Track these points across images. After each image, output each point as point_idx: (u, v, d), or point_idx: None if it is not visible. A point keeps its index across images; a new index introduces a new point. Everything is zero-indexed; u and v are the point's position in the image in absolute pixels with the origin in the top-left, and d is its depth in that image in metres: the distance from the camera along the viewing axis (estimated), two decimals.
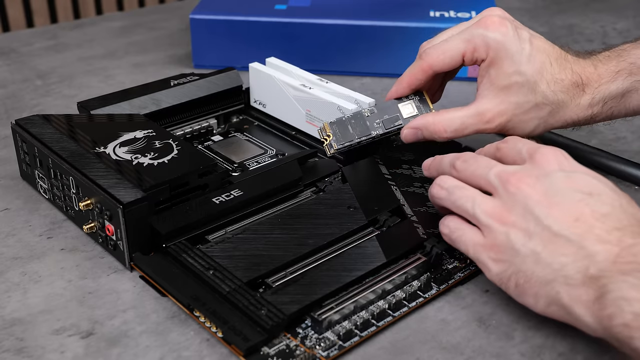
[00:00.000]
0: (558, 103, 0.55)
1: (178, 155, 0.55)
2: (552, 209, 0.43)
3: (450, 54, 0.56)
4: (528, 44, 0.54)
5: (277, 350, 0.44)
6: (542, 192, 0.44)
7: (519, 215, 0.44)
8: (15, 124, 0.60)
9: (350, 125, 0.57)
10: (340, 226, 0.53)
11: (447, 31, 0.58)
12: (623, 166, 0.63)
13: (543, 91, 0.54)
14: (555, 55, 0.56)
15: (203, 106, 0.67)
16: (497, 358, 0.44)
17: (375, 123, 0.57)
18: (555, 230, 0.43)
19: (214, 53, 0.84)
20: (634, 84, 0.55)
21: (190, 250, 0.50)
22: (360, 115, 0.58)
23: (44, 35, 0.97)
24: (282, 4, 0.86)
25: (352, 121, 0.57)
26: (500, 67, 0.54)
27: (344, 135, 0.57)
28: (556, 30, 0.99)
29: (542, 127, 0.56)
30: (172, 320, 0.47)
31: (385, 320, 0.46)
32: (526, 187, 0.44)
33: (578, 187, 0.44)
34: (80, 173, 0.53)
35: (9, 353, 0.44)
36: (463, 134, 0.56)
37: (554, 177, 0.44)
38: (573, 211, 0.43)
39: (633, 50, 0.57)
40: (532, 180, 0.44)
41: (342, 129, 0.57)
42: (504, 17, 0.56)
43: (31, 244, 0.55)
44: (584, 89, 0.55)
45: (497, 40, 0.54)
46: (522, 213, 0.44)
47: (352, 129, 0.57)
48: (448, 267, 0.51)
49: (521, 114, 0.55)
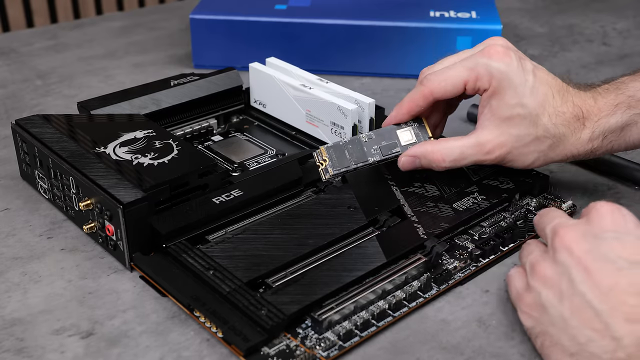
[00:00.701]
0: (559, 136, 0.54)
1: (178, 155, 0.55)
2: (590, 274, 0.40)
3: (452, 81, 0.54)
4: (532, 76, 0.53)
5: (277, 351, 0.44)
6: (585, 252, 0.41)
7: (557, 273, 0.42)
8: (15, 124, 0.60)
9: (347, 151, 0.56)
10: (340, 226, 0.53)
11: (448, 58, 0.57)
12: (623, 166, 0.63)
13: (545, 124, 0.53)
14: (557, 88, 0.54)
15: (203, 106, 0.67)
16: (497, 358, 0.44)
17: (372, 149, 0.56)
18: (588, 299, 0.39)
19: (214, 53, 0.85)
20: (632, 117, 0.54)
21: (190, 250, 0.50)
22: (357, 141, 0.56)
23: (44, 35, 0.97)
24: (282, 4, 0.86)
25: (349, 146, 0.56)
26: (502, 97, 0.53)
27: (340, 160, 0.55)
28: (556, 30, 0.99)
29: (542, 160, 0.55)
30: (172, 320, 0.47)
31: (385, 320, 0.46)
32: (571, 243, 0.41)
33: (625, 254, 0.40)
34: (80, 173, 0.53)
35: (9, 353, 0.44)
36: (461, 164, 0.55)
37: (602, 238, 0.41)
38: (609, 280, 0.39)
39: (631, 82, 0.55)
40: (579, 238, 0.42)
41: (339, 154, 0.55)
42: (507, 47, 0.54)
43: (31, 244, 0.55)
44: (585, 123, 0.54)
45: (500, 70, 0.53)
46: (560, 271, 0.41)
47: (349, 155, 0.55)
48: (448, 267, 0.51)
49: (521, 146, 0.54)
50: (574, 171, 0.65)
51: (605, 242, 0.41)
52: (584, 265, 0.40)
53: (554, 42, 0.95)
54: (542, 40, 0.96)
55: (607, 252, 0.40)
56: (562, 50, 0.92)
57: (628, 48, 0.93)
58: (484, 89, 0.54)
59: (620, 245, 0.40)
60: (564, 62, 0.89)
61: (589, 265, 0.40)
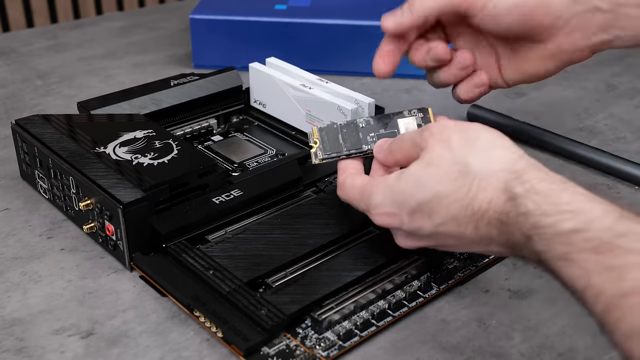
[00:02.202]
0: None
1: (178, 155, 0.55)
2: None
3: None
4: None
5: (277, 350, 0.44)
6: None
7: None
8: (15, 124, 0.60)
9: (341, 135, 0.51)
10: (340, 226, 0.53)
11: None
12: (623, 166, 0.63)
13: None
14: None
15: (203, 106, 0.67)
16: (497, 358, 0.44)
17: (368, 136, 0.51)
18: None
19: (214, 53, 0.84)
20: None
21: (190, 250, 0.50)
22: (354, 126, 0.52)
23: (44, 35, 0.97)
24: (282, 4, 0.86)
25: (344, 130, 0.51)
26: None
27: (332, 145, 0.51)
28: None
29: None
30: (172, 320, 0.47)
31: (385, 320, 0.46)
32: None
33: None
34: (80, 173, 0.53)
35: (9, 353, 0.44)
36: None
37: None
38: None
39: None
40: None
41: (332, 137, 0.51)
42: None
43: (31, 244, 0.55)
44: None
45: None
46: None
47: (343, 140, 0.51)
48: (448, 267, 0.51)
49: None
50: (573, 171, 0.65)
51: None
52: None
53: None
54: None
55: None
56: None
57: None
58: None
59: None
60: None
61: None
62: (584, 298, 0.35)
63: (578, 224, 0.36)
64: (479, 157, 0.41)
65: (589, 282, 0.35)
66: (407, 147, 0.45)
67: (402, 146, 0.46)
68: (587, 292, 0.35)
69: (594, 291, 0.35)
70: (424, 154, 0.43)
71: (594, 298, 0.35)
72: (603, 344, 0.45)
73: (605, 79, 0.84)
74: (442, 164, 0.42)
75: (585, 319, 0.47)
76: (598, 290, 0.34)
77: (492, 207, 0.40)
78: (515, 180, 0.39)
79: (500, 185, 0.40)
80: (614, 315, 0.33)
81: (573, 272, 0.35)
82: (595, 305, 0.35)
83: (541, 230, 0.37)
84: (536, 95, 0.80)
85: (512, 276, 0.51)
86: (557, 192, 0.38)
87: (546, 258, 0.37)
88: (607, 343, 0.44)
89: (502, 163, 0.40)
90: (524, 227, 0.38)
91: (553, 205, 0.37)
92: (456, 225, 0.41)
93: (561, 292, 0.49)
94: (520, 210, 0.38)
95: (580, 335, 0.46)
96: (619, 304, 0.33)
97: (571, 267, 0.36)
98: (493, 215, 0.40)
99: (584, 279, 0.35)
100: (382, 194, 0.44)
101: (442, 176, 0.41)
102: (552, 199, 0.38)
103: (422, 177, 0.42)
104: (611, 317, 0.34)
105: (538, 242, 0.37)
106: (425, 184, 0.42)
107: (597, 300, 0.34)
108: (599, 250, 0.35)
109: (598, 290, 0.34)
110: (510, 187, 0.39)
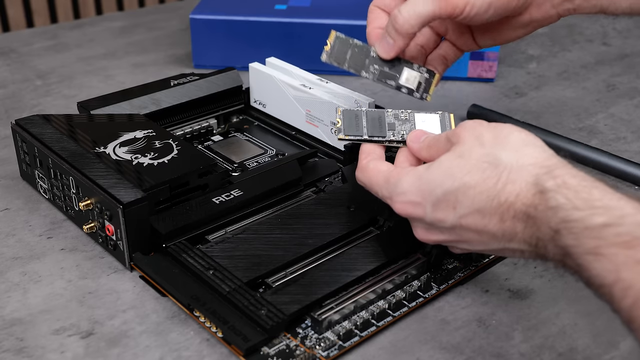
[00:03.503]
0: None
1: (178, 155, 0.55)
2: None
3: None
4: None
5: (277, 350, 0.44)
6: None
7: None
8: (15, 124, 0.60)
9: (365, 120, 0.51)
10: (340, 226, 0.53)
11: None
12: (623, 166, 0.63)
13: None
14: None
15: (203, 106, 0.67)
16: (497, 358, 0.44)
17: (395, 129, 0.51)
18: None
19: (214, 53, 0.84)
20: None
21: (190, 250, 0.50)
22: (378, 114, 0.51)
23: (44, 35, 0.97)
24: (282, 4, 0.86)
25: (368, 117, 0.51)
26: None
27: (350, 127, 0.51)
28: (556, 30, 0.99)
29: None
30: (172, 320, 0.47)
31: (385, 320, 0.46)
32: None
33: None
34: (80, 173, 0.53)
35: (9, 353, 0.44)
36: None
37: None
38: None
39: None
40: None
41: (352, 120, 0.51)
42: None
43: (31, 244, 0.55)
44: None
45: None
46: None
47: (365, 124, 0.51)
48: (448, 267, 0.51)
49: None
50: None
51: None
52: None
53: (554, 42, 0.95)
54: (542, 40, 0.95)
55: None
56: (562, 50, 0.92)
57: (628, 48, 0.93)
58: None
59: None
60: (564, 62, 0.89)
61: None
62: (611, 293, 0.35)
63: (610, 219, 0.36)
64: (510, 152, 0.41)
65: (619, 277, 0.34)
66: (442, 143, 0.46)
67: (438, 142, 0.46)
68: (616, 287, 0.35)
69: (623, 285, 0.34)
70: (456, 147, 0.43)
71: (622, 292, 0.34)
72: (603, 344, 0.45)
73: (605, 79, 0.84)
74: (472, 156, 0.42)
75: (586, 319, 0.47)
76: (628, 284, 0.34)
77: (520, 200, 0.40)
78: (547, 174, 0.39)
79: (531, 178, 0.40)
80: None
81: (602, 267, 0.35)
82: (624, 300, 0.34)
83: (571, 224, 0.37)
84: (536, 95, 0.80)
85: (512, 276, 0.51)
86: (588, 189, 0.38)
87: (574, 252, 0.37)
88: (607, 343, 0.45)
89: (534, 159, 0.41)
90: (553, 221, 0.38)
91: (584, 201, 0.37)
92: (480, 217, 0.41)
93: (561, 292, 0.50)
94: (550, 204, 0.38)
95: (580, 335, 0.46)
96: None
97: (600, 261, 0.35)
98: (520, 208, 0.40)
99: (613, 274, 0.35)
100: (409, 182, 0.44)
101: (471, 167, 0.41)
102: (583, 195, 0.38)
103: (451, 167, 0.42)
104: (639, 311, 0.34)
105: (567, 236, 0.37)
106: (454, 174, 0.42)
107: (626, 295, 0.34)
108: (630, 244, 0.35)
109: (628, 284, 0.34)
110: (541, 181, 0.39)
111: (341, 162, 0.61)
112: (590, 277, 0.36)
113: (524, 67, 0.87)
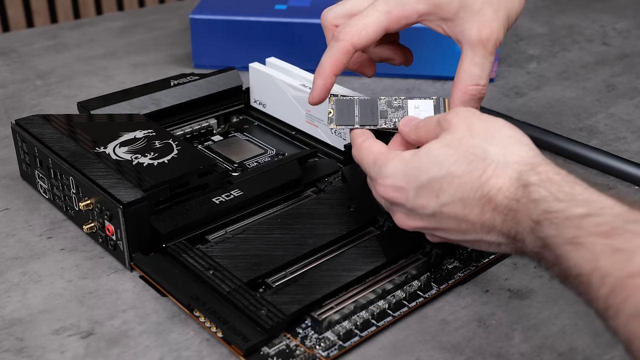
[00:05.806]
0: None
1: (178, 155, 0.55)
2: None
3: (373, 28, 0.52)
4: None
5: (277, 350, 0.44)
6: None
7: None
8: (15, 124, 0.60)
9: (357, 109, 0.52)
10: (340, 226, 0.53)
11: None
12: (623, 166, 0.63)
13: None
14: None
15: (203, 106, 0.67)
16: (497, 358, 0.44)
17: (387, 116, 0.51)
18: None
19: (214, 53, 0.84)
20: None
21: (190, 250, 0.50)
22: (370, 103, 0.52)
23: (44, 35, 0.97)
24: (282, 4, 0.86)
25: (359, 105, 0.52)
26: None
27: (342, 116, 0.52)
28: (556, 30, 0.99)
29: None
30: (172, 320, 0.47)
31: (385, 320, 0.46)
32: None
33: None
34: (80, 173, 0.53)
35: (9, 353, 0.44)
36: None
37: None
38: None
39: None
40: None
41: (344, 109, 0.52)
42: None
43: (31, 244, 0.55)
44: None
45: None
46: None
47: (356, 113, 0.52)
48: (448, 267, 0.51)
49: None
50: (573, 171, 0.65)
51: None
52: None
53: (554, 42, 0.95)
54: (542, 40, 0.95)
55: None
56: (562, 50, 0.92)
57: (628, 48, 0.93)
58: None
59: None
60: (564, 62, 0.89)
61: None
62: (588, 282, 0.35)
63: (590, 210, 0.37)
64: (498, 147, 0.42)
65: (596, 265, 0.35)
66: (432, 127, 0.46)
67: (428, 125, 0.46)
68: (593, 275, 0.35)
69: (600, 274, 0.34)
70: (445, 135, 0.43)
71: (599, 281, 0.34)
72: (603, 344, 0.45)
73: (605, 79, 0.84)
74: (461, 146, 0.42)
75: (585, 318, 0.47)
76: (605, 273, 0.34)
77: (502, 193, 0.40)
78: (530, 171, 0.40)
79: (514, 175, 0.40)
80: (620, 297, 0.33)
81: (581, 256, 0.36)
82: (601, 289, 0.34)
83: (552, 215, 0.37)
84: (536, 95, 0.80)
85: (512, 276, 0.51)
86: (570, 184, 0.39)
87: (553, 243, 0.37)
88: (607, 343, 0.45)
89: (519, 157, 0.41)
90: (534, 213, 0.38)
91: (566, 194, 0.38)
92: (462, 206, 0.41)
93: (561, 292, 0.50)
94: (532, 196, 0.39)
95: (580, 335, 0.46)
96: (626, 284, 0.33)
97: (579, 250, 0.36)
98: (502, 202, 0.40)
99: (591, 263, 0.35)
100: (395, 165, 0.44)
101: (459, 157, 0.42)
102: (565, 189, 0.38)
103: (439, 155, 0.42)
104: (616, 298, 0.34)
105: (548, 227, 0.37)
106: (442, 162, 0.42)
107: (603, 283, 0.34)
108: (608, 234, 0.35)
109: (605, 272, 0.34)
110: (524, 176, 0.40)
111: (341, 162, 0.61)
112: (568, 267, 0.36)
113: (524, 67, 0.87)
